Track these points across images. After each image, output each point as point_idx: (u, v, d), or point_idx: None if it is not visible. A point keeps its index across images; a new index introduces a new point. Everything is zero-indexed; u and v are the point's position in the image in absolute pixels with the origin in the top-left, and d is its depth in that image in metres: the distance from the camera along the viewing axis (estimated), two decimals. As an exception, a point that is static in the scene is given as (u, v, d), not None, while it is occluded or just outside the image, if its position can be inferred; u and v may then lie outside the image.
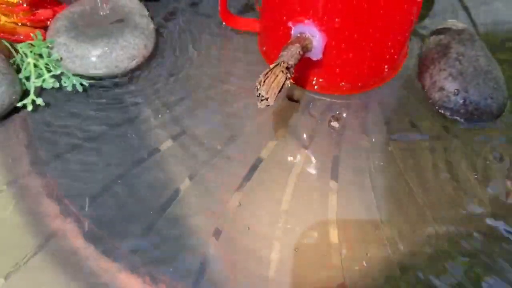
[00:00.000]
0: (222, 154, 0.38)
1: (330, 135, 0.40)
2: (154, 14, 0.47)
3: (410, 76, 0.44)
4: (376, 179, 0.37)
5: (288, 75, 0.34)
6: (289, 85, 0.34)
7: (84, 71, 0.41)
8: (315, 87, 0.42)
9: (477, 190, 0.36)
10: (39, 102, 0.40)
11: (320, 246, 0.33)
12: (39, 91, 0.41)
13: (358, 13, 0.36)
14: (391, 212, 0.35)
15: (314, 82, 0.42)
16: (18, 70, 0.41)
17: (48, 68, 0.41)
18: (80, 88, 0.41)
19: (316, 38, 0.38)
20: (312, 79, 0.42)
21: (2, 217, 0.34)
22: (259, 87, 0.33)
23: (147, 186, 0.36)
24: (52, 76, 0.41)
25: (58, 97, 0.41)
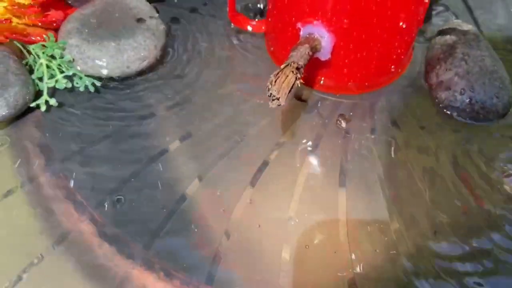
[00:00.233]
0: (231, 153, 0.39)
1: (338, 134, 0.40)
2: (163, 16, 0.48)
3: (416, 76, 0.45)
4: (384, 177, 0.38)
5: (298, 75, 0.34)
6: (299, 85, 0.35)
7: (96, 72, 0.42)
8: (323, 87, 0.43)
9: (485, 189, 0.37)
10: (52, 102, 0.40)
11: (330, 243, 0.34)
12: (52, 92, 0.41)
13: (366, 14, 0.37)
14: (399, 210, 0.36)
15: (322, 82, 0.43)
16: (30, 71, 0.42)
17: (60, 69, 0.42)
18: (92, 89, 0.42)
19: (324, 39, 0.38)
20: (320, 79, 0.43)
21: (17, 216, 0.35)
22: (270, 87, 0.33)
23: (159, 185, 0.37)
24: (64, 77, 0.41)
25: (71, 97, 0.42)
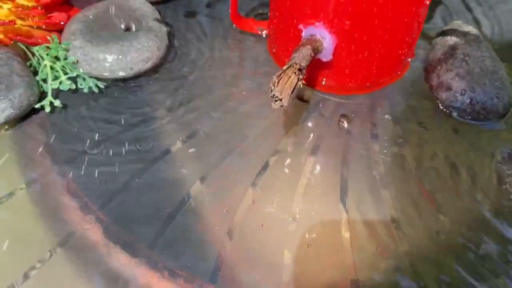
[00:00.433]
0: (234, 154, 0.39)
1: (340, 134, 0.41)
2: (165, 17, 0.48)
3: (418, 77, 0.45)
4: (386, 177, 0.38)
5: (300, 76, 0.35)
6: (301, 86, 0.35)
7: (100, 73, 0.42)
8: (325, 88, 0.43)
9: (485, 188, 0.37)
10: (57, 103, 0.41)
11: (332, 242, 0.34)
12: (56, 93, 0.42)
13: (368, 15, 0.37)
14: (401, 210, 0.36)
15: (323, 82, 0.43)
16: (34, 72, 0.42)
17: (64, 70, 0.42)
18: (96, 90, 0.42)
19: (326, 40, 0.39)
20: (322, 80, 0.43)
21: (23, 215, 0.35)
22: (273, 88, 0.34)
23: (163, 185, 0.37)
24: (68, 78, 0.42)
25: (75, 98, 0.42)
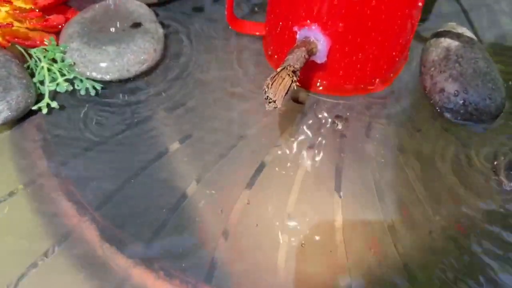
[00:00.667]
0: (229, 155, 0.39)
1: (334, 135, 0.41)
2: (162, 19, 0.49)
3: (412, 78, 0.45)
4: (380, 178, 0.38)
5: (294, 78, 0.35)
6: (295, 87, 0.35)
7: (97, 75, 0.43)
8: (319, 89, 0.44)
9: (478, 189, 0.38)
10: (54, 105, 0.41)
11: (326, 242, 0.35)
12: (53, 95, 0.42)
13: (361, 18, 0.38)
14: (394, 210, 0.36)
15: (318, 84, 0.43)
16: (32, 74, 0.42)
17: (61, 72, 0.42)
18: (92, 92, 0.42)
19: (320, 42, 0.39)
20: (316, 81, 0.43)
21: (19, 216, 0.36)
22: (266, 90, 0.34)
23: (158, 186, 0.37)
24: (65, 80, 0.42)
25: (72, 100, 0.43)
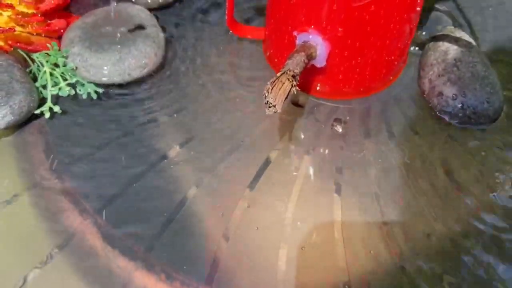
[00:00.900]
0: (230, 158, 0.40)
1: (334, 138, 0.41)
2: (163, 24, 0.49)
3: (410, 81, 0.46)
4: (379, 180, 0.39)
5: (294, 83, 0.35)
6: (295, 92, 0.36)
7: (98, 79, 0.43)
8: (319, 93, 0.44)
9: (476, 192, 0.38)
10: (56, 109, 0.41)
11: (325, 244, 0.35)
12: (55, 99, 0.43)
13: (360, 23, 0.38)
14: (393, 213, 0.37)
15: (318, 87, 0.44)
16: (34, 79, 0.43)
17: (63, 76, 0.43)
18: (94, 96, 0.43)
19: (320, 47, 0.40)
20: (316, 85, 0.44)
21: (22, 220, 0.36)
22: (266, 94, 0.34)
23: (160, 189, 0.38)
24: (67, 85, 0.42)
25: (74, 104, 0.43)
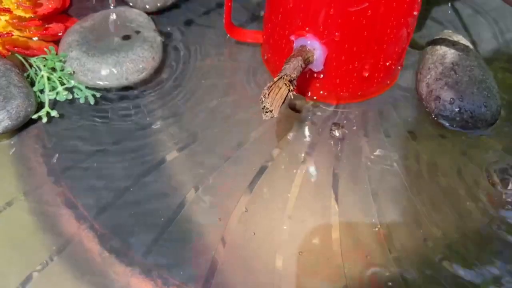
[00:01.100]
0: (228, 163, 0.40)
1: (331, 142, 0.42)
2: (160, 27, 0.49)
3: (408, 85, 0.46)
4: (376, 185, 0.39)
5: (291, 88, 0.35)
6: (292, 96, 0.36)
7: (96, 83, 0.43)
8: (316, 97, 0.44)
9: (473, 196, 0.38)
10: (54, 114, 0.41)
11: (323, 250, 0.35)
12: (53, 103, 0.43)
13: (357, 27, 0.38)
14: (390, 218, 0.37)
15: (315, 91, 0.44)
16: (32, 83, 0.43)
17: (61, 81, 0.43)
18: (92, 100, 0.43)
19: (317, 51, 0.40)
20: (314, 89, 0.44)
21: (19, 224, 0.36)
22: (263, 99, 0.34)
23: (157, 194, 0.38)
24: (65, 89, 0.42)
25: (71, 109, 0.43)
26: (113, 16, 0.47)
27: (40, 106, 0.42)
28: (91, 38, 0.45)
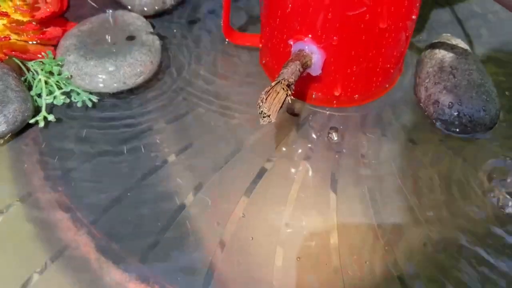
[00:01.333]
0: (225, 167, 0.40)
1: (330, 146, 0.41)
2: (159, 31, 0.49)
3: (406, 89, 0.46)
4: (374, 189, 0.39)
5: (289, 92, 0.35)
6: (289, 101, 0.36)
7: (94, 88, 0.43)
8: (315, 101, 0.44)
9: (472, 201, 0.38)
10: (51, 118, 0.41)
11: (321, 254, 0.35)
12: (50, 108, 0.42)
13: (355, 31, 0.38)
14: (389, 221, 0.37)
15: (313, 96, 0.44)
16: (29, 87, 0.43)
17: (58, 85, 0.43)
18: (89, 104, 0.43)
19: (315, 55, 0.39)
20: (312, 93, 0.44)
21: (16, 229, 0.36)
22: (261, 104, 0.34)
23: (155, 199, 0.38)
24: (62, 93, 0.42)
25: (69, 113, 0.43)
26: (111, 20, 0.47)
27: (37, 110, 0.42)
28: (89, 42, 0.45)
